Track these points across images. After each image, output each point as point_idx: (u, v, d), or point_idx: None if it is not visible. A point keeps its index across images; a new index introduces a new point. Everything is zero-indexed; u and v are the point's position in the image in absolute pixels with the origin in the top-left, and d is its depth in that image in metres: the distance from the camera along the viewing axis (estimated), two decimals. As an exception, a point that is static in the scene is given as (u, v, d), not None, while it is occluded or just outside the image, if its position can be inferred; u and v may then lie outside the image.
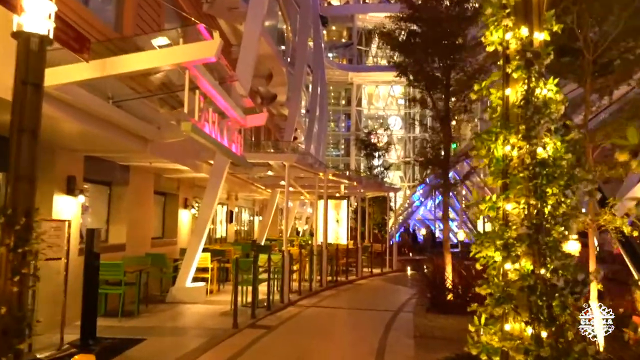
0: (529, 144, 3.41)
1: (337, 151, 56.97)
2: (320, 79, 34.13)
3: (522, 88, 3.50)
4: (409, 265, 21.44)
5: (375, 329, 9.37)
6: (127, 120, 8.11)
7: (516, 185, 3.43)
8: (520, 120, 3.48)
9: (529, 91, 3.45)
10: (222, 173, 12.02)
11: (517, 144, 3.47)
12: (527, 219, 3.40)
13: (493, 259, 3.59)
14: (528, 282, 3.28)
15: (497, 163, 3.65)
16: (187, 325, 9.36)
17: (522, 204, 3.44)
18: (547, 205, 3.38)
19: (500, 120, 3.64)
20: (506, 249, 3.43)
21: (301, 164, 13.40)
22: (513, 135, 3.47)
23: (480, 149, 3.72)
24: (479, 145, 3.73)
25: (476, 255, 3.68)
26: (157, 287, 12.67)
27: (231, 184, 17.66)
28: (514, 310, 3.41)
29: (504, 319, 3.54)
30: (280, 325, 9.67)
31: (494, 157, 3.67)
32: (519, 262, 3.40)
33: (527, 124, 3.43)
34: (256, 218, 27.65)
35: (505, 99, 3.65)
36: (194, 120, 5.88)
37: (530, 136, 3.41)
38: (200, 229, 11.97)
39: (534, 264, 3.37)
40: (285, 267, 11.99)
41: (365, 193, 22.75)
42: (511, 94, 3.58)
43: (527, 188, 3.41)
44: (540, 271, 3.30)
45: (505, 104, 3.63)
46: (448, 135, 10.43)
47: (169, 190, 14.55)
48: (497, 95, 3.71)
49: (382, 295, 14.87)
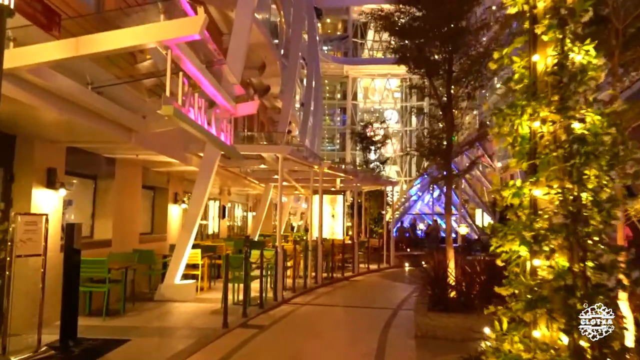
0: (563, 118, 2.90)
1: (332, 145, 56.50)
2: (315, 72, 33.63)
3: (554, 52, 3.00)
4: (407, 261, 20.99)
5: (373, 328, 8.92)
6: (110, 108, 7.61)
7: (548, 167, 2.93)
8: (552, 90, 2.98)
9: (563, 55, 2.94)
10: (213, 166, 11.52)
11: (549, 118, 2.97)
12: (562, 207, 2.89)
13: (517, 254, 3.11)
14: (566, 281, 2.79)
15: (522, 142, 3.16)
16: (174, 325, 8.88)
17: (556, 188, 2.93)
18: (586, 190, 2.87)
19: (526, 92, 3.13)
20: (537, 242, 2.94)
21: (295, 157, 12.91)
22: (544, 107, 2.97)
23: (502, 126, 3.23)
24: (499, 121, 3.24)
25: (497, 249, 3.20)
26: (146, 284, 12.19)
27: (223, 178, 17.15)
28: (548, 314, 2.90)
29: (532, 325, 3.04)
30: (273, 325, 9.20)
31: (518, 135, 3.18)
32: (552, 257, 2.90)
33: (561, 94, 2.92)
34: (250, 213, 27.15)
35: (532, 66, 3.13)
36: (177, 104, 5.38)
37: (566, 108, 2.90)
38: (189, 224, 11.48)
39: (570, 260, 2.87)
40: (279, 263, 11.52)
41: (362, 187, 22.27)
42: (539, 61, 3.09)
43: (561, 170, 2.90)
44: (578, 268, 2.81)
45: (533, 72, 3.13)
46: (450, 124, 9.95)
47: (158, 184, 14.04)
48: (520, 64, 3.21)
49: (380, 292, 14.42)
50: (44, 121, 7.48)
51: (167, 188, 14.36)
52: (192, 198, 11.66)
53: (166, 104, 5.10)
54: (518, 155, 3.22)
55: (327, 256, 16.12)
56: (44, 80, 6.06)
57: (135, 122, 8.44)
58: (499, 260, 3.25)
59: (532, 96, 3.04)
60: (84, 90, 6.93)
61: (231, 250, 15.29)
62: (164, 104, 5.12)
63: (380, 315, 10.11)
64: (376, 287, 15.33)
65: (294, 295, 12.38)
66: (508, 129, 3.21)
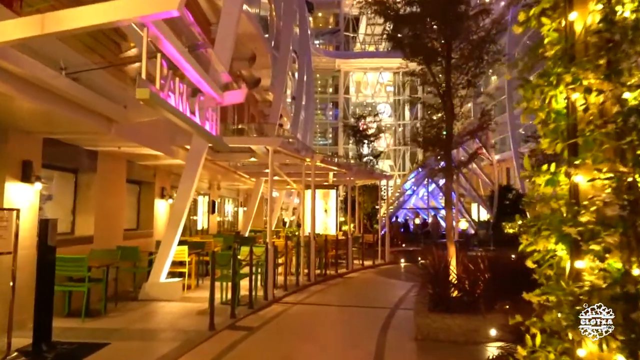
0: (614, 85, 2.40)
1: (324, 140, 56.00)
2: (307, 66, 33.14)
3: (598, 6, 2.52)
4: (402, 257, 20.57)
5: (370, 330, 8.45)
6: (86, 95, 7.07)
7: (594, 147, 2.46)
8: (597, 53, 2.49)
9: (610, 9, 2.46)
10: (200, 159, 11.00)
11: (595, 87, 2.46)
12: (616, 195, 2.38)
13: (551, 254, 2.63)
14: (624, 288, 2.30)
15: (557, 118, 2.69)
16: (158, 327, 8.37)
17: (606, 173, 2.42)
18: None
19: (561, 58, 2.64)
20: (584, 239, 2.44)
21: (286, 149, 12.40)
22: (588, 74, 2.48)
23: (531, 99, 2.75)
24: (528, 94, 2.75)
25: (528, 248, 2.71)
26: (131, 282, 11.65)
27: (212, 172, 16.64)
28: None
29: (576, 341, 2.54)
30: (263, 326, 8.71)
31: (551, 110, 2.70)
32: (604, 258, 2.40)
33: (610, 56, 2.41)
34: (241, 209, 26.62)
35: (568, 26, 2.62)
36: (155, 89, 4.86)
37: (617, 73, 2.38)
38: (175, 219, 10.95)
39: (627, 262, 2.35)
40: (269, 260, 11.03)
41: (355, 181, 21.82)
42: (577, 20, 2.58)
43: (613, 150, 2.41)
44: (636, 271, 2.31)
45: (570, 33, 2.60)
46: (450, 113, 9.48)
47: (144, 178, 13.50)
48: (551, 27, 2.72)
49: (376, 290, 13.98)
50: (16, 110, 6.95)
51: (154, 182, 13.82)
52: (178, 192, 11.14)
53: (141, 87, 4.58)
54: (551, 134, 2.72)
55: (320, 252, 15.67)
56: (14, 65, 5.55)
57: (115, 111, 7.91)
58: (530, 262, 2.77)
59: (570, 62, 2.56)
60: (57, 76, 6.40)
61: (220, 246, 14.80)
62: (139, 87, 4.60)
63: (377, 316, 9.66)
64: (371, 284, 14.89)
65: (286, 293, 11.91)
66: (539, 103, 2.73)
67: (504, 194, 30.13)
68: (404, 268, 19.01)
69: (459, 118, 9.83)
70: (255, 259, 10.77)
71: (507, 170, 39.76)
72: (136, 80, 4.73)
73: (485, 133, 25.08)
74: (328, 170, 17.81)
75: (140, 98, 4.63)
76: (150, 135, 9.97)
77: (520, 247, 2.75)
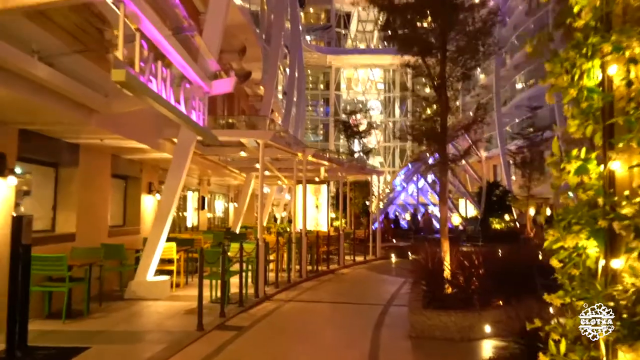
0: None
1: (315, 136, 55.61)
2: (298, 61, 32.72)
3: None
4: (394, 252, 20.27)
5: (364, 328, 8.12)
6: (64, 83, 6.64)
7: (637, 127, 2.10)
8: None
9: None
10: (188, 152, 10.59)
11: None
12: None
13: (579, 251, 2.29)
14: None
15: (589, 95, 2.32)
16: (143, 328, 7.98)
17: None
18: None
19: (596, 27, 2.25)
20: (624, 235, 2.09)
21: (277, 143, 12.01)
22: (634, 42, 2.10)
23: (559, 75, 2.39)
24: (557, 69, 2.39)
25: (554, 245, 2.36)
26: (117, 281, 11.22)
27: (202, 167, 16.21)
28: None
29: (612, 351, 2.19)
30: (253, 326, 8.33)
31: (584, 87, 2.35)
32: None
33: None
34: (231, 205, 26.19)
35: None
36: (133, 71, 4.46)
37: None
38: (162, 215, 10.55)
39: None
40: (260, 257, 10.66)
41: (347, 177, 21.48)
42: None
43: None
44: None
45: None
46: (445, 106, 9.16)
47: (131, 173, 13.05)
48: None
49: (368, 286, 13.67)
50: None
51: (141, 177, 13.37)
52: (165, 187, 10.72)
53: (117, 69, 4.18)
54: (580, 116, 2.36)
55: (311, 248, 15.33)
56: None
57: (95, 100, 7.48)
58: (555, 261, 2.42)
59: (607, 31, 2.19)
60: (31, 61, 5.97)
61: (210, 243, 14.41)
62: (115, 68, 4.20)
63: (370, 313, 9.33)
64: (363, 280, 14.57)
65: (277, 290, 11.55)
66: (568, 79, 2.37)
67: (492, 191, 30.05)
68: (395, 263, 18.72)
69: (454, 111, 9.49)
70: (246, 256, 10.40)
71: (494, 167, 39.66)
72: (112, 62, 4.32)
73: (470, 130, 24.90)
74: (319, 165, 17.46)
75: (116, 80, 4.24)
76: (134, 127, 9.54)
77: (546, 243, 2.39)
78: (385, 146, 56.69)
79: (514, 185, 31.66)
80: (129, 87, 4.48)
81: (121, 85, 4.45)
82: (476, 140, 9.85)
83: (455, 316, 7.39)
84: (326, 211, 21.36)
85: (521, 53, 36.28)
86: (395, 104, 57.68)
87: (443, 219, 9.40)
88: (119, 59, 4.24)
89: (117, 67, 4.20)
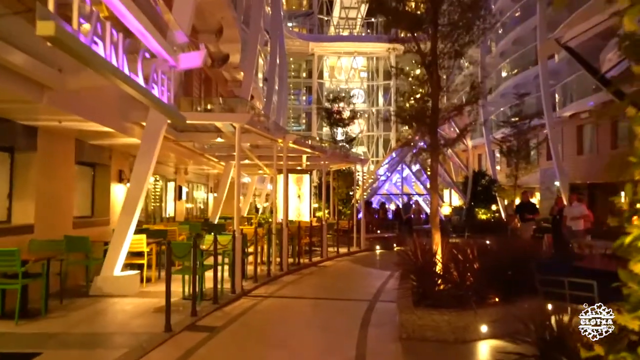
0: None
1: (298, 125, 54.69)
2: (280, 47, 31.75)
3: None
4: (378, 244, 19.67)
5: (348, 328, 7.44)
6: (7, 54, 5.81)
7: None
8: None
9: None
10: (157, 137, 9.76)
11: None
12: None
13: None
14: None
15: None
16: (104, 329, 7.20)
17: None
18: None
19: None
20: None
21: (255, 127, 11.22)
22: None
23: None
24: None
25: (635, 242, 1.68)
26: (83, 276, 10.37)
27: (178, 154, 15.37)
28: None
29: None
30: (227, 326, 7.58)
31: None
32: None
33: None
34: (211, 195, 25.32)
35: None
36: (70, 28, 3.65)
37: None
38: (131, 205, 9.74)
39: None
40: (237, 249, 9.92)
41: (330, 165, 20.76)
42: None
43: None
44: None
45: None
46: (436, 85, 8.46)
47: (99, 160, 12.18)
48: None
49: (353, 280, 13.02)
50: None
51: (110, 165, 12.50)
52: (133, 175, 9.89)
53: (43, 19, 3.36)
54: None
55: (293, 240, 14.62)
56: None
57: (47, 75, 6.65)
58: (635, 262, 1.76)
59: None
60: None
61: (186, 234, 13.64)
62: (40, 19, 3.38)
63: (355, 310, 8.66)
64: (347, 273, 13.92)
65: (256, 285, 10.83)
66: None
67: (478, 180, 29.61)
68: (380, 255, 18.13)
69: (448, 90, 8.79)
70: (221, 249, 9.65)
71: (478, 156, 39.27)
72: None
73: (456, 118, 24.39)
74: (301, 152, 16.71)
75: (43, 35, 3.43)
76: (96, 108, 8.70)
77: (622, 241, 1.72)
78: (369, 135, 56.04)
79: (502, 174, 31.27)
80: (61, 44, 3.66)
81: (51, 43, 3.64)
82: (471, 122, 9.02)
83: (449, 315, 6.75)
84: (309, 201, 20.69)
85: (506, 40, 35.78)
86: (379, 93, 56.97)
87: (434, 209, 8.74)
88: (45, 8, 3.40)
89: (43, 18, 3.37)
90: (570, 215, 14.03)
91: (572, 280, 7.71)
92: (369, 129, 55.84)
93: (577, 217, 13.63)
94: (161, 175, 17.74)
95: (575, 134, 28.08)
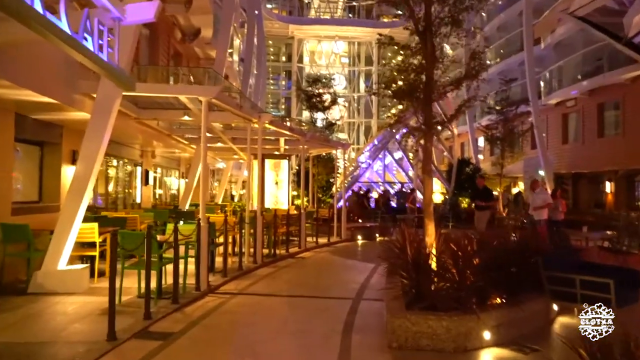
0: None
1: (276, 111, 53.22)
2: (258, 27, 30.31)
3: None
4: (360, 234, 18.59)
5: (329, 334, 6.29)
6: None
7: None
8: None
9: None
10: (110, 111, 8.41)
11: None
12: None
13: None
14: None
15: None
16: (34, 338, 5.91)
17: None
18: None
19: None
20: None
21: (225, 102, 9.93)
22: None
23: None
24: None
25: None
26: (24, 270, 9.04)
27: (144, 135, 13.99)
28: None
29: None
30: (186, 332, 6.35)
31: None
32: None
33: None
34: (183, 180, 23.93)
35: None
36: None
37: None
38: (79, 189, 8.41)
39: None
40: (202, 240, 8.69)
41: (310, 150, 19.57)
42: None
43: None
44: None
45: None
46: (431, 55, 7.33)
47: (47, 138, 10.79)
48: None
49: (334, 273, 11.89)
50: None
51: (61, 144, 11.11)
52: (81, 153, 8.54)
53: None
54: None
55: (268, 229, 13.43)
56: None
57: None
58: None
59: None
60: None
61: (149, 222, 12.34)
62: None
63: (336, 311, 7.53)
64: (328, 266, 12.79)
65: (225, 280, 9.63)
66: None
67: (462, 168, 28.80)
68: (362, 246, 17.07)
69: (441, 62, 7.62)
70: (184, 240, 8.41)
71: (461, 144, 38.48)
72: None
73: (442, 103, 23.41)
74: (279, 135, 15.50)
75: None
76: (33, 73, 7.34)
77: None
78: (350, 122, 54.94)
79: (485, 163, 30.48)
80: None
81: None
82: (469, 99, 7.86)
83: (449, 320, 5.67)
84: (287, 188, 19.54)
85: (491, 25, 34.87)
86: (360, 79, 55.82)
87: (428, 196, 7.60)
88: None
89: None
90: (532, 204, 12.92)
91: (585, 278, 6.73)
92: (350, 115, 54.74)
93: (539, 207, 12.52)
94: (129, 159, 16.36)
95: (560, 122, 27.39)
